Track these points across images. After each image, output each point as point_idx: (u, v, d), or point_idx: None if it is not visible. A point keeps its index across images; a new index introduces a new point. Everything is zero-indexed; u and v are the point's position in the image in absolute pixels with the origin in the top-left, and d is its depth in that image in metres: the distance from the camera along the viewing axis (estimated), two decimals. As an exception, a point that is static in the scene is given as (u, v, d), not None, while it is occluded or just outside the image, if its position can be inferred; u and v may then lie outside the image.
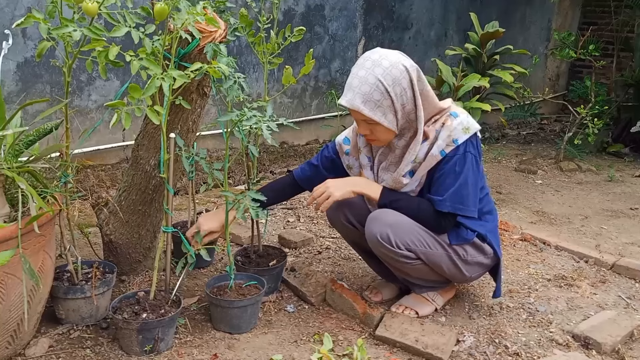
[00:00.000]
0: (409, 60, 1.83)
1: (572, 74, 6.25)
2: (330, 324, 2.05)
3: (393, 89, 1.78)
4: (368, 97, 1.78)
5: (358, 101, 1.79)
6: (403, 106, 1.81)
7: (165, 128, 1.73)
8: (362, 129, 1.89)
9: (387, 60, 1.79)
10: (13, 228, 1.54)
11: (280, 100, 4.25)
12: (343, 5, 4.41)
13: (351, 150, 2.06)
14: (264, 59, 2.08)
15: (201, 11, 1.61)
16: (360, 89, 1.78)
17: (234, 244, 2.70)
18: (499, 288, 2.10)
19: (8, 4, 2.97)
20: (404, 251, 1.89)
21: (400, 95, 1.79)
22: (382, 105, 1.79)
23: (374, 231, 1.89)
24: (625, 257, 2.60)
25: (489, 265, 2.04)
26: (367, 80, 1.77)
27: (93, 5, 1.53)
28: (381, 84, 1.77)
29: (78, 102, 3.33)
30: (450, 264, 1.96)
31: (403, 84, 1.79)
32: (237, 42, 3.89)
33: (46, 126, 1.87)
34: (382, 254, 1.94)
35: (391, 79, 1.77)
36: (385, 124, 1.82)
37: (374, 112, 1.79)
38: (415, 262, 1.93)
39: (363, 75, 1.78)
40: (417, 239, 1.90)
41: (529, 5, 5.71)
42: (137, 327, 1.75)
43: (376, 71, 1.77)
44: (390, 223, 1.88)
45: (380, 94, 1.77)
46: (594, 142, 4.37)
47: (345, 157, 2.08)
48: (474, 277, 2.06)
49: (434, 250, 1.92)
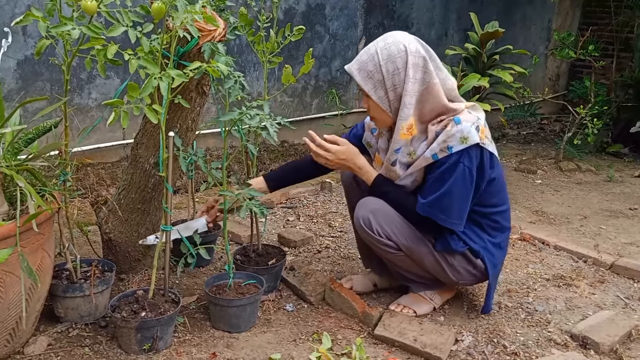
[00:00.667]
0: (417, 45, 1.81)
1: (572, 74, 6.25)
2: (329, 323, 2.05)
3: (385, 65, 1.79)
4: (363, 65, 1.82)
5: (354, 67, 1.84)
6: (395, 87, 1.81)
7: (164, 127, 1.73)
8: (363, 101, 1.93)
9: (393, 38, 1.82)
10: (11, 226, 1.55)
11: (280, 99, 4.25)
12: (344, 5, 4.41)
13: (377, 131, 2.06)
14: (263, 58, 2.08)
15: (200, 10, 1.61)
16: (361, 56, 1.84)
17: (233, 243, 2.70)
18: (487, 304, 2.07)
19: (8, 1, 2.97)
20: (384, 239, 1.91)
21: (392, 74, 1.80)
22: (373, 77, 1.82)
23: (358, 215, 1.93)
24: (624, 257, 2.60)
25: (479, 277, 2.02)
26: (369, 50, 1.83)
27: (92, 3, 1.53)
28: (377, 56, 1.80)
29: (78, 100, 3.33)
30: (435, 264, 1.96)
31: (398, 63, 1.79)
32: (238, 41, 3.89)
33: (45, 124, 1.87)
34: (365, 240, 1.97)
35: (387, 54, 1.79)
36: (374, 98, 1.84)
37: (365, 82, 1.83)
38: (398, 253, 1.95)
39: (369, 46, 1.84)
40: (399, 231, 1.91)
41: (530, 5, 5.71)
42: (136, 325, 1.75)
43: (379, 44, 1.82)
44: (373, 209, 1.91)
45: (373, 65, 1.81)
46: (593, 142, 4.37)
47: (370, 134, 2.09)
48: (461, 283, 2.05)
49: (416, 247, 1.93)
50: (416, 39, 1.84)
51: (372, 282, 2.23)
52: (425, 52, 1.81)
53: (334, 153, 1.93)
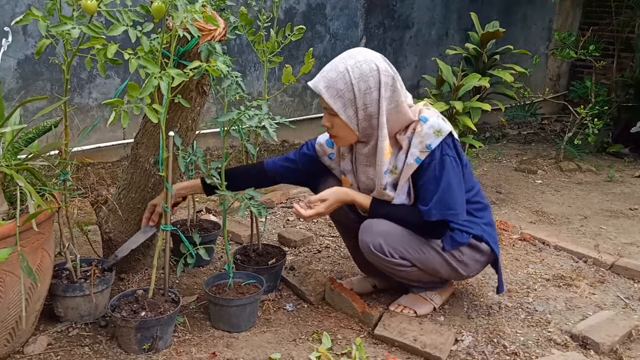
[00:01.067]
0: (386, 65, 1.80)
1: (573, 74, 6.24)
2: (329, 322, 2.05)
3: (357, 83, 1.76)
4: (332, 83, 1.77)
5: (322, 84, 1.79)
6: (366, 106, 1.79)
7: (164, 126, 1.73)
8: (324, 119, 1.88)
9: (362, 56, 1.78)
10: (11, 226, 1.55)
11: (281, 98, 4.25)
12: (344, 4, 4.40)
13: (335, 155, 2.04)
14: (263, 57, 2.08)
15: (200, 9, 1.61)
16: (328, 74, 1.78)
17: (233, 243, 2.70)
18: (501, 283, 2.10)
19: (8, 1, 2.97)
20: (397, 259, 1.89)
21: (364, 93, 1.77)
22: (343, 96, 1.78)
23: (367, 241, 1.89)
24: (624, 258, 2.60)
25: (487, 261, 2.04)
26: (337, 67, 1.78)
27: (92, 3, 1.53)
28: (348, 74, 1.76)
29: (79, 100, 3.33)
30: (447, 267, 1.96)
31: (370, 82, 1.76)
32: (239, 41, 3.89)
33: (46, 124, 1.87)
34: (376, 263, 1.94)
35: (359, 72, 1.76)
36: (343, 117, 1.80)
37: (334, 101, 1.79)
38: (411, 269, 1.94)
39: (336, 62, 1.79)
40: (409, 246, 1.90)
41: (530, 5, 5.70)
42: (136, 325, 1.75)
43: (348, 62, 1.77)
44: (381, 232, 1.87)
45: (344, 84, 1.76)
46: (594, 143, 4.36)
47: (327, 159, 2.06)
48: (472, 275, 2.07)
49: (427, 255, 1.92)
50: (382, 57, 1.83)
51: (371, 283, 2.23)
52: (393, 70, 1.82)
53: (326, 208, 1.89)
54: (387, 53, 4.79)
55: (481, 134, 5.09)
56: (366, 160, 1.91)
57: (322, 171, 2.10)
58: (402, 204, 1.88)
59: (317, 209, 1.87)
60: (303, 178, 2.14)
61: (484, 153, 4.64)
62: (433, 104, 3.15)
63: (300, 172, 2.10)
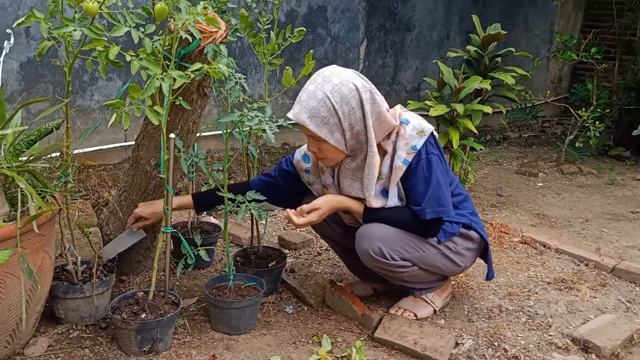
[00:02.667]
0: (362, 80, 1.79)
1: (575, 76, 6.24)
2: (329, 325, 2.04)
3: (340, 107, 1.74)
4: (314, 112, 1.75)
5: (304, 115, 1.76)
6: (352, 126, 1.78)
7: (165, 128, 1.73)
8: (310, 146, 1.87)
9: (338, 78, 1.76)
10: (12, 227, 1.55)
11: (282, 101, 4.25)
12: (345, 7, 4.41)
13: (312, 169, 2.03)
14: (264, 59, 2.08)
15: (202, 11, 1.62)
16: (308, 103, 1.75)
17: (233, 245, 2.70)
18: (490, 270, 2.14)
19: (11, 3, 2.98)
20: (399, 261, 1.89)
21: (349, 115, 1.76)
22: (328, 122, 1.76)
23: (365, 247, 1.88)
24: (626, 261, 2.59)
25: (478, 249, 2.07)
26: (315, 95, 1.74)
27: (94, 5, 1.54)
28: (329, 101, 1.74)
29: (81, 102, 3.34)
30: (445, 260, 1.97)
31: (352, 103, 1.75)
32: (240, 43, 3.90)
33: (47, 126, 1.87)
34: (377, 268, 1.94)
35: (340, 96, 1.74)
36: (331, 142, 1.79)
37: (320, 129, 1.77)
38: (412, 269, 1.94)
39: (312, 90, 1.76)
40: (408, 246, 1.90)
41: (532, 8, 5.70)
42: (136, 327, 1.75)
43: (325, 87, 1.74)
44: (379, 237, 1.87)
45: (327, 110, 1.74)
46: (595, 145, 4.35)
47: (305, 174, 2.05)
48: (468, 265, 2.08)
49: (426, 252, 1.93)
50: (355, 72, 1.82)
51: (371, 286, 2.23)
52: (368, 83, 1.81)
53: (319, 216, 1.88)
54: (388, 55, 4.80)
55: (482, 137, 5.08)
56: (352, 174, 1.91)
57: (303, 189, 2.09)
58: (396, 206, 1.89)
59: (310, 217, 1.86)
60: (285, 194, 2.09)
61: (485, 156, 4.64)
62: (434, 107, 3.15)
63: (281, 188, 2.07)
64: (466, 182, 3.48)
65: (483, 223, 2.92)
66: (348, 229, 2.08)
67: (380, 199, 1.89)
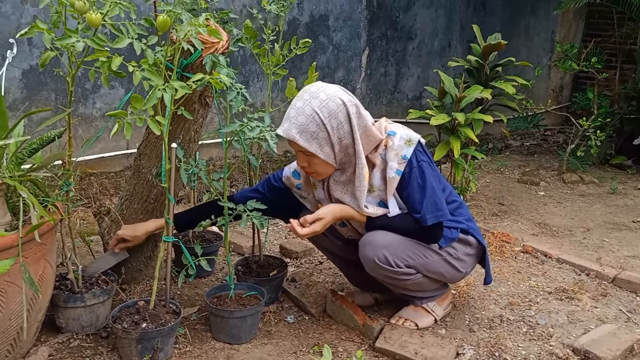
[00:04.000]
0: (347, 95, 1.82)
1: (576, 85, 6.25)
2: (330, 335, 2.04)
3: (329, 122, 1.77)
4: (304, 128, 1.78)
5: (294, 131, 1.78)
6: (340, 140, 1.81)
7: (167, 138, 1.74)
8: (300, 161, 1.89)
9: (325, 93, 1.79)
10: (14, 237, 1.55)
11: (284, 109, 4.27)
12: (347, 16, 4.43)
13: (303, 185, 2.04)
14: (268, 70, 2.09)
15: (203, 22, 1.63)
16: (297, 119, 1.78)
17: (234, 254, 2.71)
18: (488, 274, 2.16)
19: (14, 11, 3.00)
20: (403, 268, 1.90)
21: (337, 129, 1.79)
22: (318, 137, 1.79)
23: (370, 255, 1.88)
24: (627, 271, 2.59)
25: (477, 255, 2.08)
26: (304, 112, 1.77)
27: (97, 16, 1.55)
28: (317, 116, 1.77)
29: (83, 110, 3.35)
30: (447, 266, 1.98)
31: (340, 117, 1.78)
32: (242, 52, 3.92)
33: (49, 134, 1.88)
34: (381, 276, 1.94)
35: (327, 111, 1.77)
36: (321, 156, 1.82)
37: (310, 144, 1.79)
38: (416, 277, 1.94)
39: (300, 106, 1.79)
40: (412, 252, 1.91)
41: (533, 17, 5.72)
42: (137, 336, 1.75)
43: (313, 103, 1.77)
44: (384, 244, 1.88)
45: (316, 125, 1.77)
46: (596, 154, 4.36)
47: (297, 190, 2.07)
48: (469, 271, 2.10)
49: (430, 259, 1.94)
50: (340, 88, 1.84)
51: (372, 296, 2.23)
52: (353, 98, 1.83)
53: (322, 226, 1.88)
54: (390, 64, 4.82)
55: (483, 145, 5.09)
56: (343, 187, 1.92)
57: (292, 203, 2.10)
58: (398, 214, 1.90)
59: (313, 227, 1.86)
60: (273, 210, 2.07)
61: (486, 164, 4.64)
62: (435, 116, 3.16)
63: (269, 203, 2.04)
64: (468, 191, 3.49)
65: (484, 232, 2.95)
66: (347, 241, 2.09)
67: (380, 209, 1.91)
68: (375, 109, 4.80)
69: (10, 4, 2.97)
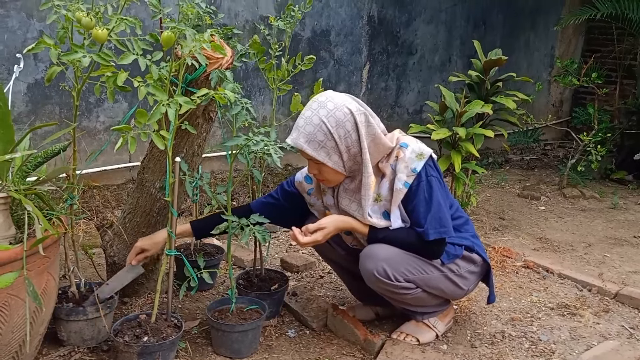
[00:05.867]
0: (356, 104, 1.84)
1: (576, 99, 6.28)
2: (331, 349, 2.04)
3: (336, 131, 1.79)
4: (312, 137, 1.80)
5: (302, 140, 1.81)
6: (348, 148, 1.83)
7: (170, 152, 1.75)
8: (310, 169, 1.91)
9: (332, 103, 1.81)
10: (18, 250, 1.56)
11: (285, 123, 4.29)
12: (348, 31, 4.47)
13: (314, 191, 2.05)
14: (273, 85, 2.11)
15: (208, 38, 1.65)
16: (305, 128, 1.80)
17: (236, 267, 2.71)
18: (492, 293, 2.16)
19: (20, 26, 3.03)
20: (402, 283, 1.90)
21: (345, 138, 1.81)
22: (325, 146, 1.81)
23: (370, 268, 1.89)
24: (629, 287, 2.58)
25: (480, 272, 2.08)
26: (312, 121, 1.80)
27: (103, 32, 1.57)
28: (324, 125, 1.79)
29: (86, 123, 3.37)
30: (449, 283, 1.98)
31: (347, 126, 1.80)
32: (244, 66, 3.95)
33: (54, 148, 1.90)
34: (381, 289, 1.94)
35: (335, 120, 1.79)
36: (330, 164, 1.83)
37: (318, 152, 1.81)
38: (415, 291, 1.94)
39: (308, 115, 1.81)
40: (412, 267, 1.91)
41: (533, 32, 5.77)
42: (138, 350, 1.75)
43: (320, 112, 1.80)
44: (384, 258, 1.88)
45: (323, 134, 1.79)
46: (597, 169, 4.37)
47: (307, 196, 2.08)
48: (471, 289, 2.10)
49: (430, 275, 1.94)
50: (350, 96, 1.86)
51: (374, 311, 2.23)
52: (362, 107, 1.85)
53: (324, 236, 1.89)
54: (390, 78, 4.85)
55: (484, 159, 5.11)
56: (351, 195, 1.93)
57: (306, 208, 2.11)
58: (400, 227, 1.90)
59: (315, 237, 1.87)
60: (288, 215, 2.10)
61: (487, 179, 4.65)
62: (436, 130, 3.18)
63: (284, 209, 2.09)
64: (468, 205, 3.49)
65: (485, 247, 2.95)
66: (350, 250, 2.09)
67: (382, 221, 1.91)
68: (376, 123, 4.82)
69: (16, 18, 3.01)
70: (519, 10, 5.52)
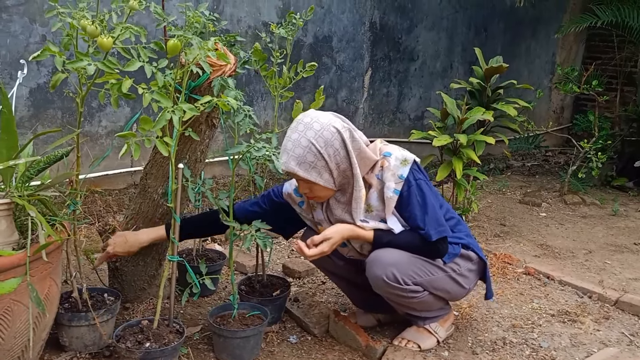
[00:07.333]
0: (340, 122, 1.85)
1: (577, 106, 6.30)
2: (332, 355, 2.04)
3: (326, 150, 1.80)
4: (302, 159, 1.80)
5: (293, 164, 1.81)
6: (338, 165, 1.84)
7: (174, 158, 1.76)
8: (301, 188, 1.92)
9: (319, 123, 1.82)
10: (21, 256, 1.56)
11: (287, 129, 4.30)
12: (350, 37, 4.49)
13: (305, 205, 2.05)
14: (275, 92, 2.12)
15: (212, 46, 1.66)
16: (294, 151, 1.81)
17: (237, 273, 2.71)
18: (489, 289, 2.18)
19: (23, 31, 3.05)
20: (411, 286, 1.91)
21: (334, 156, 1.82)
22: (316, 166, 1.81)
23: (378, 273, 1.89)
24: (629, 293, 2.59)
25: (478, 270, 2.11)
26: (300, 143, 1.80)
27: (108, 40, 1.58)
28: (314, 146, 1.79)
29: (89, 128, 3.38)
30: (452, 283, 2.00)
31: (335, 145, 1.81)
32: (246, 72, 3.96)
33: (57, 153, 1.91)
34: (389, 294, 1.95)
35: (323, 141, 1.80)
36: (321, 183, 1.84)
37: (309, 173, 1.82)
38: (422, 294, 1.95)
39: (296, 138, 1.81)
40: (419, 269, 1.93)
41: (534, 39, 5.79)
42: (140, 356, 1.75)
43: (308, 134, 1.80)
44: (392, 262, 1.89)
45: (313, 155, 1.80)
46: (598, 176, 4.38)
47: (298, 207, 2.08)
48: (471, 287, 2.12)
49: (436, 276, 1.96)
50: (333, 114, 1.87)
51: (375, 317, 2.23)
52: (346, 123, 1.87)
53: (330, 247, 1.89)
54: (392, 84, 4.86)
55: (485, 165, 5.12)
56: (344, 207, 1.94)
57: (294, 218, 2.11)
58: (403, 230, 1.92)
59: (321, 248, 1.87)
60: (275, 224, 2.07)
61: (488, 185, 4.66)
62: (438, 137, 3.19)
63: (271, 219, 2.05)
64: (470, 211, 3.50)
65: (486, 253, 2.95)
66: (348, 261, 2.10)
67: (382, 224, 1.92)
68: (377, 129, 4.84)
69: (19, 23, 3.02)
70: (520, 18, 5.55)
